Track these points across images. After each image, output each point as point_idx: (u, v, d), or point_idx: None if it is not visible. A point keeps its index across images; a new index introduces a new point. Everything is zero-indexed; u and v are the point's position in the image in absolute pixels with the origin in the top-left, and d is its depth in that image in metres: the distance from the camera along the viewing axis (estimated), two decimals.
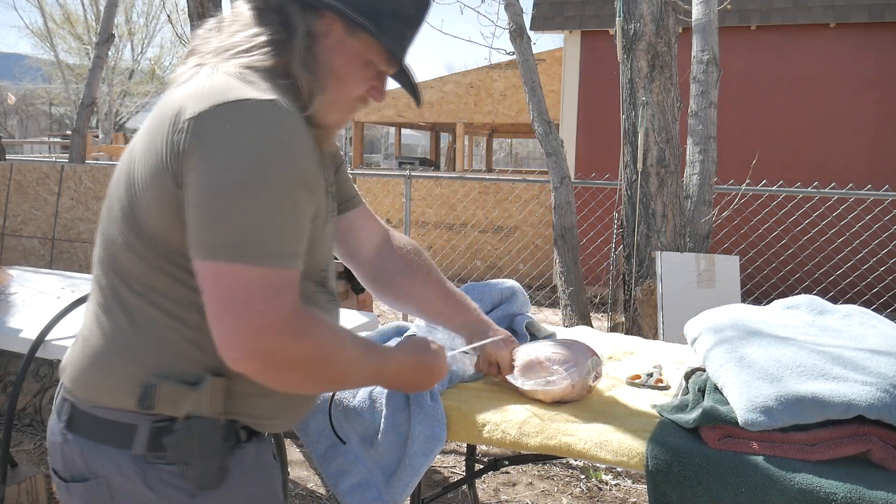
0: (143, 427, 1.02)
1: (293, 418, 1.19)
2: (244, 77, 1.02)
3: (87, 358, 1.07)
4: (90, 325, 1.09)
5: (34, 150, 18.81)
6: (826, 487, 1.08)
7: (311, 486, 2.95)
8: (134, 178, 1.03)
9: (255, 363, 0.96)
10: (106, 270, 1.07)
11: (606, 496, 3.01)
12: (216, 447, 1.04)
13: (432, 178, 7.78)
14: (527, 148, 34.72)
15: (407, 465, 1.39)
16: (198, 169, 0.95)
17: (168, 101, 1.03)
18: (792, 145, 7.27)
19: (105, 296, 1.07)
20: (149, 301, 1.03)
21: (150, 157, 1.00)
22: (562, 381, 1.38)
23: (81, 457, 1.05)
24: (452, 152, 16.38)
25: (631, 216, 3.70)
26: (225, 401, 1.04)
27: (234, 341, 0.95)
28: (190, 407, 1.02)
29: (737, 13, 7.11)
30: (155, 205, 1.00)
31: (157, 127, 1.01)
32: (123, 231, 1.04)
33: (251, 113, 0.96)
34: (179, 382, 1.02)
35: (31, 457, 3.08)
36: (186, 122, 0.96)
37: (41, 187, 4.46)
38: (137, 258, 1.03)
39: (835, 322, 1.50)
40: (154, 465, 1.02)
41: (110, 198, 1.08)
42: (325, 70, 1.09)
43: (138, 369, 1.02)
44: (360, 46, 1.11)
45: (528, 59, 4.83)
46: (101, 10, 16.23)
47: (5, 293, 2.32)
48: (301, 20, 1.07)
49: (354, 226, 1.45)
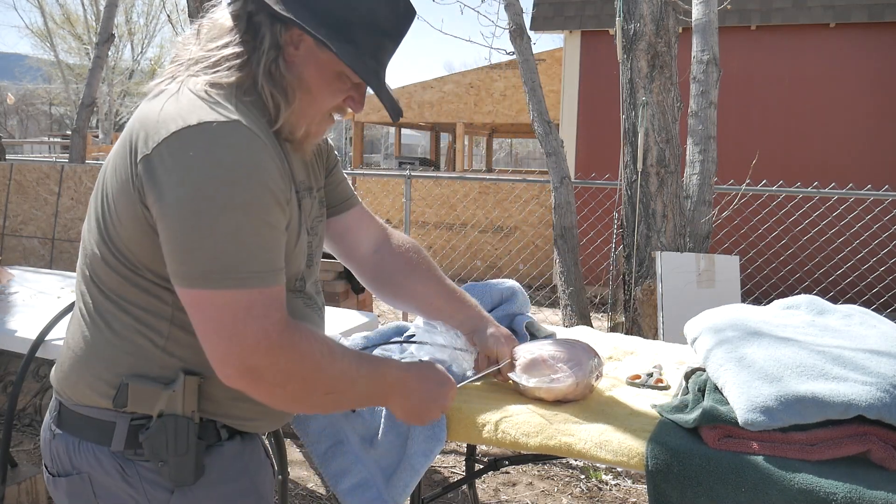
0: (120, 424, 1.05)
1: (275, 421, 1.20)
2: (209, 96, 1.02)
3: (69, 359, 1.11)
4: (73, 328, 1.13)
5: (34, 150, 18.81)
6: (826, 487, 1.08)
7: (311, 486, 2.95)
8: (106, 191, 1.05)
9: (247, 380, 0.99)
10: (84, 278, 1.11)
11: (606, 496, 3.01)
12: (190, 445, 1.05)
13: (432, 178, 7.78)
14: (527, 148, 34.72)
15: (407, 465, 1.39)
16: (167, 196, 0.95)
17: (137, 117, 1.05)
18: (792, 145, 7.27)
19: (84, 302, 1.10)
20: (121, 309, 1.06)
21: (119, 174, 1.02)
22: (566, 379, 1.38)
23: (66, 452, 1.09)
24: (452, 152, 16.38)
25: (631, 216, 3.70)
26: (199, 400, 1.07)
27: (225, 361, 0.98)
28: (163, 405, 1.04)
29: (737, 13, 7.11)
30: (124, 221, 1.02)
31: (125, 145, 1.03)
32: (97, 241, 1.07)
33: (213, 136, 0.96)
34: (152, 381, 1.05)
35: (31, 457, 3.08)
36: (153, 147, 0.97)
37: (41, 187, 4.46)
38: (109, 268, 1.06)
39: (835, 322, 1.50)
40: (132, 461, 1.06)
41: (89, 207, 1.12)
42: (294, 82, 1.08)
43: (113, 370, 1.06)
44: (330, 58, 1.08)
45: (528, 59, 4.83)
46: (101, 10, 16.23)
47: (5, 293, 2.32)
48: (269, 31, 1.06)
49: (352, 226, 1.45)
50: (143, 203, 0.99)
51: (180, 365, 1.06)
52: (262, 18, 1.06)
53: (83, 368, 1.08)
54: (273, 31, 1.06)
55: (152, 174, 0.96)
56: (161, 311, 1.05)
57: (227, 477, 1.10)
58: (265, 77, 1.06)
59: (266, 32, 1.06)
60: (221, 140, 0.96)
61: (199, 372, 1.06)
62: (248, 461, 1.14)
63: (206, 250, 0.95)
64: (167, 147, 0.96)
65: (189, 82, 1.05)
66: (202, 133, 0.96)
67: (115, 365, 1.06)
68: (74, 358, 1.10)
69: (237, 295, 0.96)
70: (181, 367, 1.06)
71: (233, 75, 1.05)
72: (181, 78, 1.07)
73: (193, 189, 0.94)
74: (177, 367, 1.06)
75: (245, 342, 0.97)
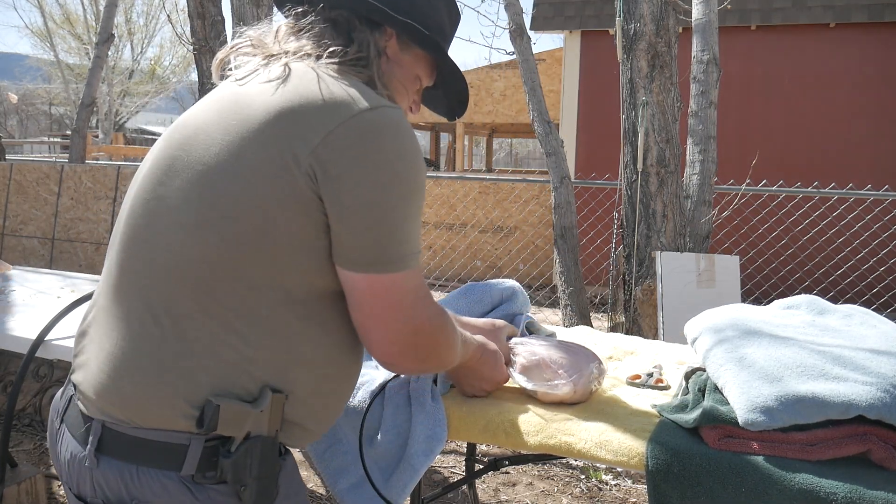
0: (194, 447, 0.95)
1: (315, 439, 1.16)
2: (355, 83, 1.01)
3: (123, 376, 0.97)
4: (120, 339, 0.99)
5: (34, 150, 18.81)
6: (826, 487, 1.08)
7: (311, 486, 2.95)
8: (232, 181, 0.95)
9: (404, 357, 1.04)
10: (154, 278, 0.98)
11: (606, 496, 3.01)
12: (274, 466, 1.00)
13: (432, 178, 7.77)
14: (527, 148, 34.73)
15: (406, 465, 1.39)
16: (363, 182, 0.93)
17: (264, 99, 0.97)
18: (792, 145, 7.27)
19: (147, 307, 0.97)
20: (208, 314, 0.95)
21: (266, 162, 0.93)
22: (563, 386, 1.38)
23: (120, 481, 0.96)
24: (452, 152, 16.38)
25: (631, 216, 3.70)
26: (282, 419, 1.00)
27: (394, 340, 1.01)
28: (250, 426, 0.96)
29: (737, 13, 7.11)
30: (276, 215, 0.94)
31: (262, 130, 0.95)
32: (201, 236, 0.95)
33: (394, 120, 0.98)
34: (240, 401, 0.96)
35: (31, 457, 3.08)
36: (330, 130, 0.93)
37: (41, 187, 4.46)
38: (213, 267, 0.95)
39: (835, 322, 1.50)
40: (203, 485, 0.96)
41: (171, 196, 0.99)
42: (388, 84, 1.13)
43: (191, 388, 0.95)
44: (411, 61, 1.16)
45: (528, 59, 4.83)
46: (101, 10, 16.22)
47: (5, 293, 2.32)
48: (369, 36, 1.10)
49: None
50: (315, 194, 0.94)
51: (263, 382, 0.98)
52: (355, 24, 1.10)
53: (149, 386, 0.95)
54: (372, 35, 1.11)
55: (338, 159, 0.93)
56: (257, 314, 0.96)
57: (291, 492, 1.07)
58: (379, 77, 1.10)
59: (366, 37, 1.10)
60: (402, 124, 0.99)
61: (280, 389, 0.99)
62: (299, 475, 1.12)
63: (404, 233, 0.98)
64: (352, 128, 0.94)
65: (319, 67, 1.02)
66: (383, 116, 0.97)
67: (192, 380, 0.95)
68: (131, 373, 0.96)
69: (413, 275, 1.00)
70: (264, 379, 0.98)
71: (362, 73, 1.08)
72: (306, 63, 1.03)
73: (396, 172, 0.96)
74: (259, 385, 0.97)
75: (417, 321, 1.01)
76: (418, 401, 1.41)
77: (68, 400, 1.07)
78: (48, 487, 2.61)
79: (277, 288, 0.97)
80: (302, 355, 1.01)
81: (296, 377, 1.01)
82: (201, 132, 1.00)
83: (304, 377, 1.02)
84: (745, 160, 5.72)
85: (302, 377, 1.02)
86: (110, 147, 13.33)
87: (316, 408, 1.06)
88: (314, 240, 0.97)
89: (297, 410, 1.03)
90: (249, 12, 3.71)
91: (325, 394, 1.07)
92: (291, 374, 1.01)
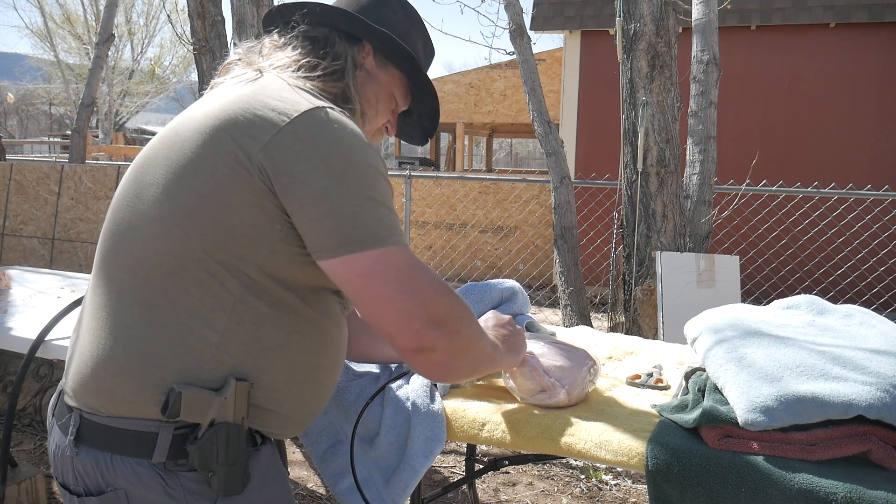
0: (164, 435, 0.99)
1: (301, 426, 1.18)
2: (311, 92, 1.08)
3: (98, 365, 1.01)
4: (98, 330, 1.03)
5: (34, 150, 18.82)
6: (826, 487, 1.08)
7: (311, 486, 2.95)
8: (193, 175, 1.00)
9: (434, 331, 0.99)
10: (128, 271, 1.02)
11: (606, 496, 3.01)
12: (240, 453, 1.02)
13: (432, 178, 7.77)
14: (527, 148, 34.72)
15: (406, 465, 1.39)
16: (315, 171, 0.97)
17: (225, 99, 1.04)
18: (792, 145, 7.27)
19: (121, 298, 1.02)
20: (172, 301, 0.99)
21: (223, 157, 0.99)
22: (556, 395, 1.38)
23: (96, 469, 1.00)
24: (452, 152, 16.38)
25: (631, 216, 3.70)
26: (248, 406, 1.03)
27: (411, 317, 0.97)
28: (214, 413, 0.99)
29: (737, 13, 7.11)
30: (233, 207, 0.98)
31: (219, 128, 1.00)
32: (167, 228, 1.00)
33: (337, 116, 1.02)
34: (203, 388, 0.99)
35: (31, 457, 3.08)
36: (281, 128, 0.98)
37: (41, 187, 4.46)
38: (179, 258, 0.99)
39: (835, 322, 1.50)
40: (174, 472, 0.99)
41: (144, 192, 1.04)
42: (363, 97, 1.17)
43: (160, 375, 0.99)
44: (388, 79, 1.22)
45: (528, 59, 4.82)
46: (101, 10, 16.24)
47: (5, 292, 2.32)
48: (347, 49, 1.16)
49: None
50: (267, 187, 0.98)
51: (230, 369, 1.01)
52: (335, 38, 1.16)
53: (119, 374, 0.99)
54: (350, 49, 1.16)
55: (286, 155, 0.97)
56: (222, 302, 0.99)
57: (267, 482, 1.08)
58: (355, 88, 1.15)
59: (343, 51, 1.16)
60: (345, 119, 1.02)
61: (246, 377, 1.02)
62: (278, 465, 1.12)
63: (371, 211, 0.98)
64: (299, 126, 0.98)
65: (288, 77, 1.09)
66: (327, 113, 1.01)
67: (160, 367, 0.98)
68: (105, 363, 1.00)
69: (405, 250, 0.99)
70: (230, 373, 1.01)
71: (335, 86, 1.13)
72: (281, 76, 1.10)
73: (344, 158, 0.98)
74: (226, 372, 1.00)
75: (426, 292, 0.99)
76: (418, 401, 1.42)
77: (59, 394, 1.12)
78: (48, 487, 2.61)
79: (240, 275, 1.00)
80: (273, 341, 1.04)
81: (266, 364, 1.04)
82: (176, 131, 1.06)
83: (276, 364, 1.05)
84: (745, 160, 5.72)
85: (274, 364, 1.05)
86: (110, 147, 13.33)
87: (291, 394, 1.07)
88: (269, 231, 1.00)
89: (270, 396, 1.05)
90: (249, 12, 3.71)
91: (300, 381, 1.09)
92: (262, 360, 1.03)
